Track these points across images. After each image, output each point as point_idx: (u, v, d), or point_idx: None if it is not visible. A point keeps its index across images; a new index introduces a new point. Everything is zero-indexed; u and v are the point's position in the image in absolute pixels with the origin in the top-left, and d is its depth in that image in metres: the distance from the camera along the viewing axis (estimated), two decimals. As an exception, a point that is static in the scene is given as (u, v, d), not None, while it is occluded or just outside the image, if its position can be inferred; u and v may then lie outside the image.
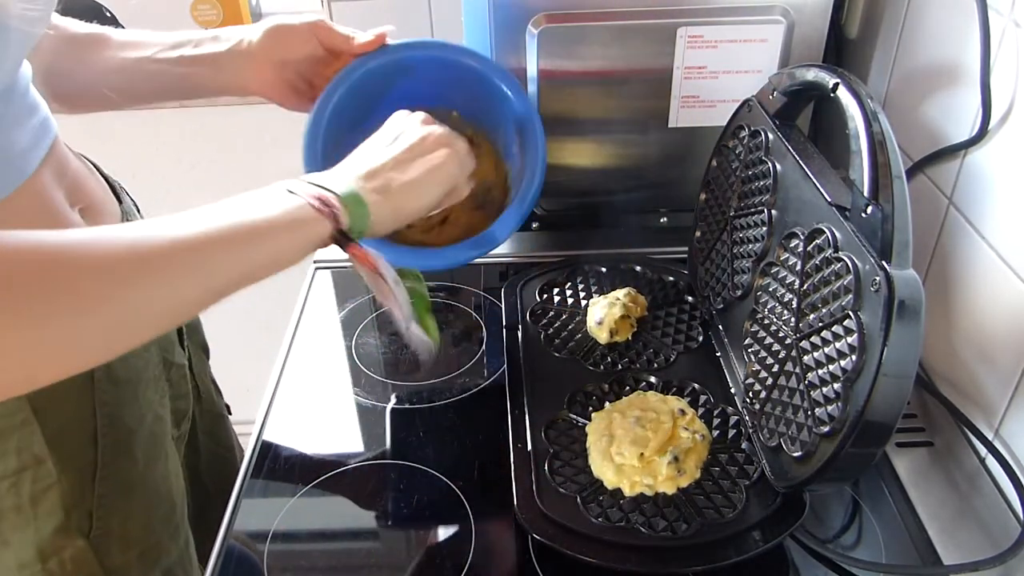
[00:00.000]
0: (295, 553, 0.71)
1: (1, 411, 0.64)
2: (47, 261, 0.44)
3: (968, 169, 0.76)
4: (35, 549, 0.69)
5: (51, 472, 0.67)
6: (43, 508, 0.68)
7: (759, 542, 0.64)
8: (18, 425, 0.65)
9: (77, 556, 0.70)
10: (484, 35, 0.91)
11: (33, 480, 0.67)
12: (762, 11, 0.90)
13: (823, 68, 0.70)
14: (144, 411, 0.75)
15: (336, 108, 0.79)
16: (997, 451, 0.73)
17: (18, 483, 0.67)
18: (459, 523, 0.72)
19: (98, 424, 0.70)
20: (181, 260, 0.49)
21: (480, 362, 0.89)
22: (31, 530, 0.68)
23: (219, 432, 0.95)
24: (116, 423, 0.72)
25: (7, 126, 0.60)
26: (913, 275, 0.56)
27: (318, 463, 0.78)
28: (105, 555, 0.72)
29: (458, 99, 0.84)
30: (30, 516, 0.68)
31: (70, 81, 0.75)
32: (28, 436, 0.65)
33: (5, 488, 0.66)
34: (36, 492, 0.67)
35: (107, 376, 0.70)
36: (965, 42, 0.75)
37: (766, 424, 0.69)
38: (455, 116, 0.84)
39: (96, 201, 0.73)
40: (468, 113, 0.85)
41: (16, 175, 0.61)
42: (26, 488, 0.67)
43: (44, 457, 0.67)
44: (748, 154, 0.81)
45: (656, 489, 0.68)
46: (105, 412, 0.70)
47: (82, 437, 0.69)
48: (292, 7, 1.46)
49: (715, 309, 0.85)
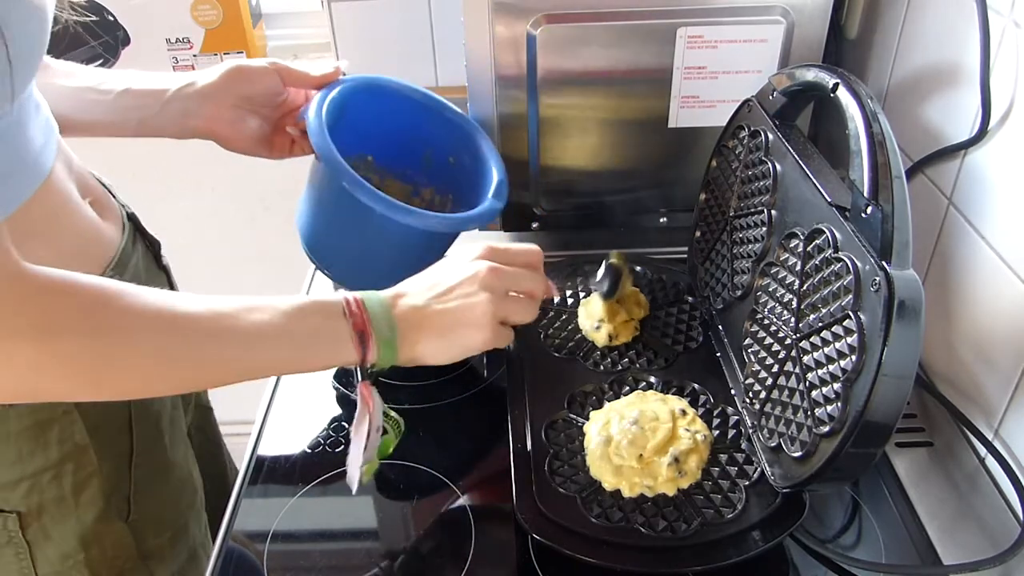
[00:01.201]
0: (295, 553, 0.71)
1: (43, 403, 0.65)
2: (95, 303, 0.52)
3: (968, 169, 0.76)
4: (78, 538, 0.70)
5: (92, 460, 0.69)
6: (85, 497, 0.70)
7: (759, 542, 0.64)
8: (60, 415, 0.66)
9: (117, 541, 0.73)
10: (484, 35, 0.91)
11: (75, 469, 0.68)
12: (762, 11, 0.90)
13: (823, 68, 0.70)
14: (166, 398, 0.78)
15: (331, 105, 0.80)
16: (997, 451, 0.73)
17: (60, 474, 0.68)
18: (459, 523, 0.72)
19: (132, 410, 0.72)
20: (207, 349, 0.56)
21: (480, 362, 0.89)
22: (72, 520, 0.70)
23: (207, 426, 0.97)
24: (147, 410, 0.74)
25: (25, 126, 0.60)
26: (913, 275, 0.56)
27: (318, 463, 0.78)
28: (141, 539, 0.75)
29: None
30: (71, 506, 0.69)
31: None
32: (69, 425, 0.67)
33: (47, 480, 0.67)
34: (78, 481, 0.69)
35: None
36: (965, 42, 0.75)
37: (766, 424, 0.69)
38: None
39: (99, 194, 0.74)
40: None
41: (38, 174, 0.62)
42: (68, 479, 0.68)
43: (85, 446, 0.68)
44: (748, 154, 0.81)
45: (656, 490, 0.68)
46: (138, 400, 0.72)
47: (118, 424, 0.72)
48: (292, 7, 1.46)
49: (715, 309, 0.85)
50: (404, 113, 0.89)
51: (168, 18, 1.33)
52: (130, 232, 0.76)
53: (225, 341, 0.56)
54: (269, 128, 0.83)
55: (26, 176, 0.60)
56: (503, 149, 0.98)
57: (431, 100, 0.89)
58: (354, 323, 0.59)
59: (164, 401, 0.78)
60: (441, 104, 0.90)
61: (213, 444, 0.98)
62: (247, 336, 0.57)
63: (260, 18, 1.42)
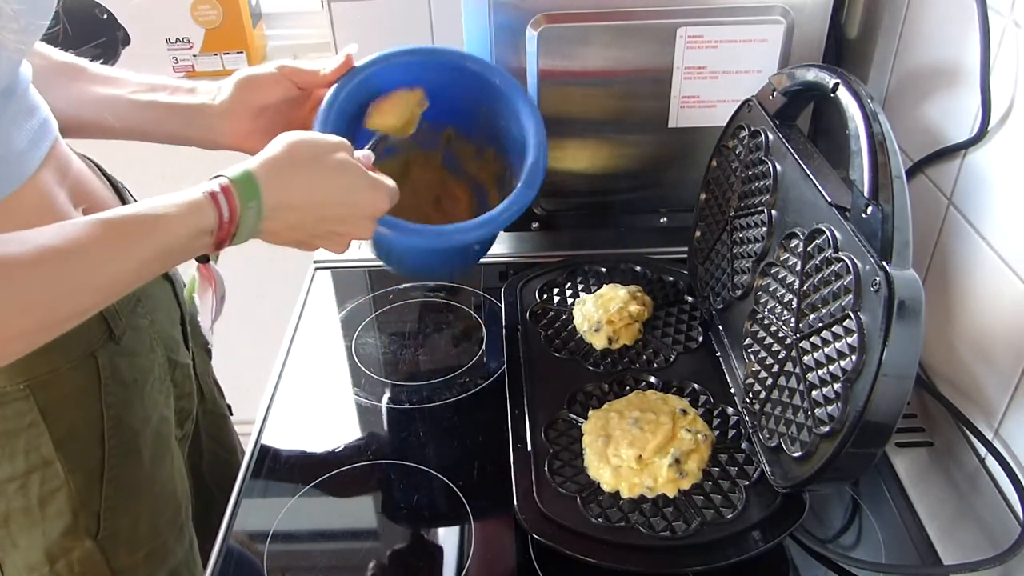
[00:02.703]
0: (295, 553, 0.71)
1: (8, 412, 0.64)
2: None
3: (968, 169, 0.76)
4: (43, 551, 0.69)
5: (59, 474, 0.67)
6: (51, 510, 0.68)
7: (759, 542, 0.64)
8: (25, 427, 0.65)
9: (85, 558, 0.71)
10: (484, 35, 0.91)
11: (41, 482, 0.67)
12: (762, 11, 0.90)
13: (823, 68, 0.70)
14: (150, 412, 0.75)
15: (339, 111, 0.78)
16: (997, 451, 0.73)
17: (26, 485, 0.67)
18: (459, 523, 0.72)
19: (105, 425, 0.70)
20: (67, 257, 0.51)
21: (480, 362, 0.89)
22: (39, 532, 0.68)
23: (221, 433, 0.95)
24: (123, 424, 0.72)
25: (4, 126, 0.60)
26: (913, 275, 0.56)
27: (318, 463, 0.78)
28: (113, 556, 0.72)
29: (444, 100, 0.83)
30: (38, 518, 0.68)
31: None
32: (36, 438, 0.66)
33: (13, 490, 0.66)
34: (44, 494, 0.68)
35: (114, 377, 0.70)
36: (965, 42, 0.75)
37: (766, 424, 0.69)
38: (449, 131, 0.87)
39: (99, 202, 0.73)
40: (456, 116, 0.86)
41: (15, 176, 0.61)
42: (34, 490, 0.67)
43: (52, 459, 0.67)
44: (748, 154, 0.81)
45: (657, 491, 0.68)
46: (112, 414, 0.70)
47: (89, 439, 0.70)
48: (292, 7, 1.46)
49: (715, 309, 0.85)
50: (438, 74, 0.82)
51: (168, 18, 1.33)
52: None
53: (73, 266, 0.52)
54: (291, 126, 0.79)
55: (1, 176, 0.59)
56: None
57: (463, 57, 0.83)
58: (219, 240, 0.58)
59: (147, 418, 0.75)
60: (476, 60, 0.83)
61: (227, 451, 0.96)
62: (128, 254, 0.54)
63: (260, 18, 1.42)
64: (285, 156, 0.62)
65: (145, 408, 0.74)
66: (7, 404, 0.64)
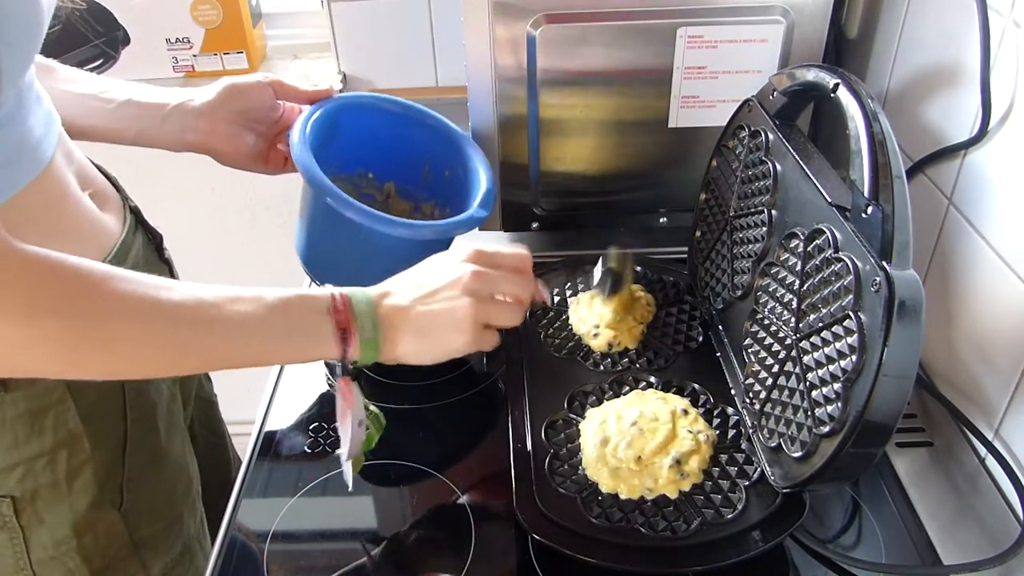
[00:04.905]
0: (295, 553, 0.71)
1: (38, 390, 0.65)
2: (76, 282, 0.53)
3: (968, 169, 0.76)
4: (70, 526, 0.70)
5: (85, 448, 0.69)
6: (78, 484, 0.70)
7: (759, 542, 0.64)
8: (55, 402, 0.66)
9: (110, 530, 0.73)
10: (484, 35, 0.91)
11: (69, 456, 0.69)
12: (762, 11, 0.90)
13: (823, 68, 0.70)
14: (162, 387, 0.78)
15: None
16: (997, 451, 0.73)
17: (54, 460, 0.68)
18: (459, 523, 0.72)
19: (126, 399, 0.72)
20: (190, 337, 0.57)
21: (480, 362, 0.89)
22: (66, 507, 0.70)
23: (211, 419, 0.97)
24: (142, 397, 0.74)
25: (24, 115, 0.61)
26: (913, 275, 0.56)
27: (318, 463, 0.78)
28: (135, 528, 0.75)
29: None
30: (65, 493, 0.70)
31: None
32: (63, 412, 0.67)
33: (41, 466, 0.68)
34: (72, 468, 0.69)
35: None
36: (965, 42, 0.75)
37: (766, 424, 0.69)
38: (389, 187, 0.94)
39: (101, 186, 0.75)
40: (401, 170, 0.93)
41: (37, 162, 0.62)
42: (62, 465, 0.69)
43: (79, 433, 0.68)
44: (748, 154, 0.81)
45: (657, 492, 0.68)
46: (132, 387, 0.72)
47: (113, 412, 0.72)
48: (292, 7, 1.46)
49: (715, 309, 0.85)
50: (399, 128, 0.90)
51: (168, 18, 1.33)
52: (131, 224, 0.76)
53: (206, 330, 0.57)
54: (264, 144, 0.85)
55: (25, 164, 0.61)
56: (503, 149, 0.98)
57: (424, 114, 0.91)
58: (337, 321, 0.60)
59: (161, 392, 0.78)
60: (434, 117, 0.91)
61: (216, 436, 0.98)
62: (228, 326, 0.57)
63: (260, 18, 1.42)
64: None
65: (159, 383, 0.78)
66: (37, 381, 0.65)
